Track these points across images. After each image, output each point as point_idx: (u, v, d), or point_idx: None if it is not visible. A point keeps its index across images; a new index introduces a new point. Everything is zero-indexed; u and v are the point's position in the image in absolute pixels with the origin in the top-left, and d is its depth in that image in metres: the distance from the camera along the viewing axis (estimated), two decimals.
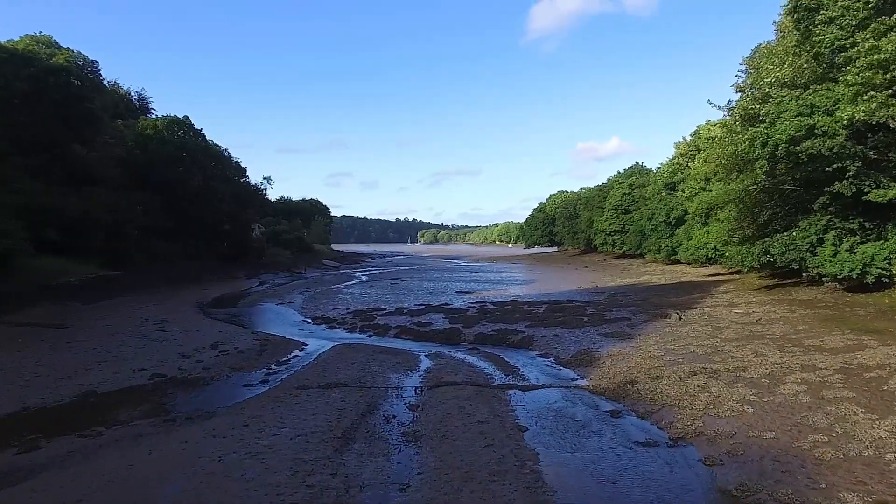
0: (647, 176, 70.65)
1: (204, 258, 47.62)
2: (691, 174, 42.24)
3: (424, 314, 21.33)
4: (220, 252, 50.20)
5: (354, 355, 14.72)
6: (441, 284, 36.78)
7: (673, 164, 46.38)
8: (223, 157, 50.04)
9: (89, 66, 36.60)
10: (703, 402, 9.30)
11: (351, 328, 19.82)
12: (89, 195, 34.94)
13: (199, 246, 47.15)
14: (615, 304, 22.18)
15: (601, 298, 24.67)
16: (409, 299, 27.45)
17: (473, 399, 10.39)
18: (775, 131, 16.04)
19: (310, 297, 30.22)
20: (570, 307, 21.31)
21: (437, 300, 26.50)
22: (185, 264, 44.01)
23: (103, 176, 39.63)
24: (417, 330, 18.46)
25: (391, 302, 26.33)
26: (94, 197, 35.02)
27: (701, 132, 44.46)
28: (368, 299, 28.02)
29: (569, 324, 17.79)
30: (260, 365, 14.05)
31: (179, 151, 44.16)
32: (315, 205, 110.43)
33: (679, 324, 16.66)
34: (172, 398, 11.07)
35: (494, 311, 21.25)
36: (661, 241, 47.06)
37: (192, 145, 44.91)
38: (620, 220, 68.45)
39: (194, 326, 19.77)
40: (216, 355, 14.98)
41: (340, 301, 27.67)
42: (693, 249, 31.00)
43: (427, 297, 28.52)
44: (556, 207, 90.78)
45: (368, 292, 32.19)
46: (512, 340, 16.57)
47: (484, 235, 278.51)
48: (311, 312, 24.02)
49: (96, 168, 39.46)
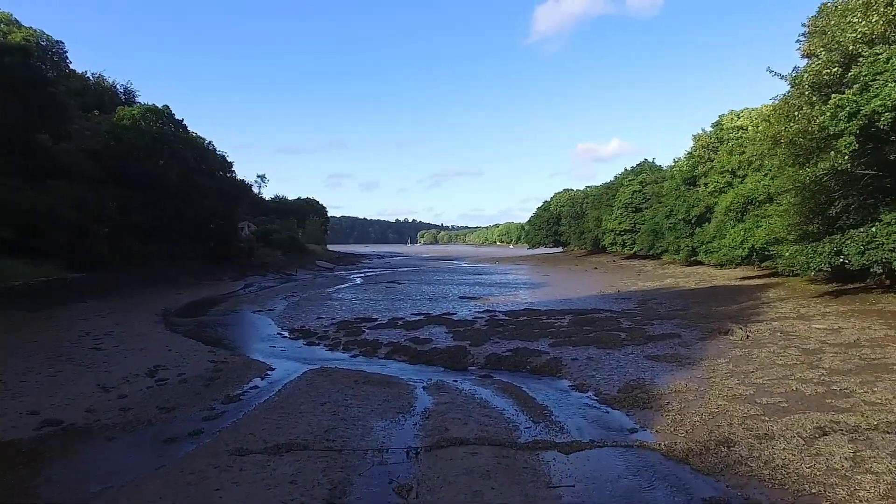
0: (658, 172, 67.21)
1: (187, 259, 44.00)
2: (715, 167, 38.68)
3: (423, 327, 17.75)
4: (205, 252, 46.61)
5: (329, 388, 11.16)
6: (442, 289, 33.20)
7: (693, 158, 42.78)
8: (207, 150, 46.48)
9: (53, 47, 33.04)
10: (873, 495, 5.71)
11: (333, 345, 16.24)
12: (52, 189, 31.46)
13: (182, 246, 43.54)
14: (652, 314, 18.60)
15: (632, 307, 21.10)
16: (406, 307, 23.87)
17: (495, 473, 6.84)
18: (870, 97, 12.54)
19: (294, 304, 26.63)
20: (599, 319, 17.71)
21: (437, 308, 22.93)
22: (164, 265, 40.42)
23: (72, 169, 36.07)
24: (414, 349, 14.87)
25: (385, 310, 22.75)
26: (58, 191, 31.52)
27: (724, 123, 40.90)
28: (359, 306, 24.44)
29: (604, 342, 14.21)
30: (202, 402, 10.48)
31: (157, 143, 40.58)
32: (311, 204, 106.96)
33: (748, 344, 13.07)
34: (48, 467, 7.49)
35: (507, 324, 17.66)
36: (680, 240, 43.44)
37: (171, 136, 41.35)
38: (631, 218, 64.91)
39: (142, 343, 16.20)
40: (149, 388, 11.40)
41: (327, 309, 24.08)
42: (726, 249, 27.51)
43: (426, 304, 24.95)
44: (560, 206, 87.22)
45: (360, 298, 28.61)
46: (534, 365, 12.99)
47: (484, 236, 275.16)
48: (291, 323, 20.45)
49: (64, 160, 35.88)
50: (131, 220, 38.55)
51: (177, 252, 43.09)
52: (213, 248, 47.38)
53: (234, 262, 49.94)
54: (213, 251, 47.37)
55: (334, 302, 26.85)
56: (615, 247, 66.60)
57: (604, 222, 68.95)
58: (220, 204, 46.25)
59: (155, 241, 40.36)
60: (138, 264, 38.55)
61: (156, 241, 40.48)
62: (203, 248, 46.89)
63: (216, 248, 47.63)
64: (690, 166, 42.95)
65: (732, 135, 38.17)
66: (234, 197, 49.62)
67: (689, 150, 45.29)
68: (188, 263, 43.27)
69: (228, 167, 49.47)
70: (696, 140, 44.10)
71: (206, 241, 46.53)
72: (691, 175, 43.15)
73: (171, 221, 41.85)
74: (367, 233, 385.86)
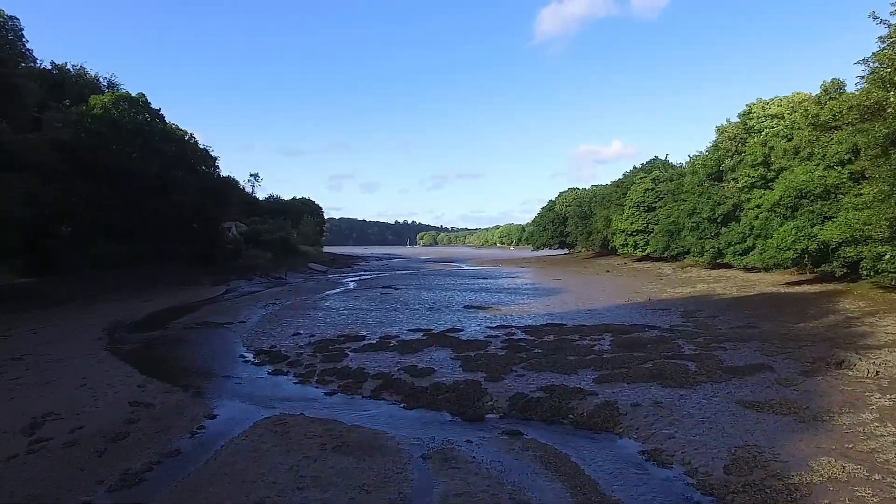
0: (671, 170, 63.53)
1: (166, 261, 40.17)
2: (746, 160, 34.91)
3: (422, 350, 13.95)
4: (187, 254, 42.74)
5: (281, 459, 7.38)
6: (443, 295, 29.40)
7: (718, 151, 39.01)
8: (187, 143, 42.67)
9: (6, 23, 29.24)
10: None
11: (305, 375, 12.45)
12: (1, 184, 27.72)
13: (160, 247, 39.68)
14: (714, 333, 14.79)
15: (678, 321, 17.32)
16: (402, 319, 20.08)
17: None
18: None
19: (272, 315, 22.84)
20: (648, 339, 13.92)
21: (439, 322, 19.13)
22: (139, 269, 36.69)
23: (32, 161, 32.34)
24: (410, 385, 11.08)
25: (376, 324, 18.94)
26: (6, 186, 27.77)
27: (754, 112, 37.18)
28: (347, 319, 20.62)
29: (668, 376, 10.43)
30: (76, 492, 6.68)
31: (131, 134, 36.82)
32: (307, 204, 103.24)
33: (886, 384, 9.27)
34: None
35: (531, 346, 13.86)
36: (704, 241, 39.66)
37: (146, 127, 37.58)
38: (643, 218, 61.17)
39: (55, 373, 12.41)
40: (9, 459, 7.61)
41: (309, 321, 20.28)
42: (772, 251, 23.74)
43: (426, 315, 21.16)
44: (566, 206, 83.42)
45: (350, 307, 24.81)
46: (579, 413, 9.21)
47: (484, 238, 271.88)
48: (261, 341, 16.67)
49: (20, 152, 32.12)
50: (100, 218, 34.79)
51: (154, 254, 39.30)
52: (196, 249, 43.52)
53: (218, 265, 46.11)
54: (195, 253, 43.54)
55: (319, 312, 23.05)
56: (627, 248, 62.83)
57: (614, 222, 65.18)
58: (203, 201, 42.42)
59: (128, 242, 36.59)
60: (109, 267, 34.85)
61: (130, 242, 36.70)
62: (185, 250, 42.99)
63: (198, 250, 43.77)
64: (715, 160, 39.17)
65: (766, 124, 34.44)
66: (219, 194, 45.76)
67: (711, 142, 41.53)
68: (167, 266, 39.52)
69: (212, 162, 45.62)
70: (720, 131, 40.33)
71: (188, 241, 42.66)
72: (716, 169, 39.38)
73: (148, 220, 38.04)
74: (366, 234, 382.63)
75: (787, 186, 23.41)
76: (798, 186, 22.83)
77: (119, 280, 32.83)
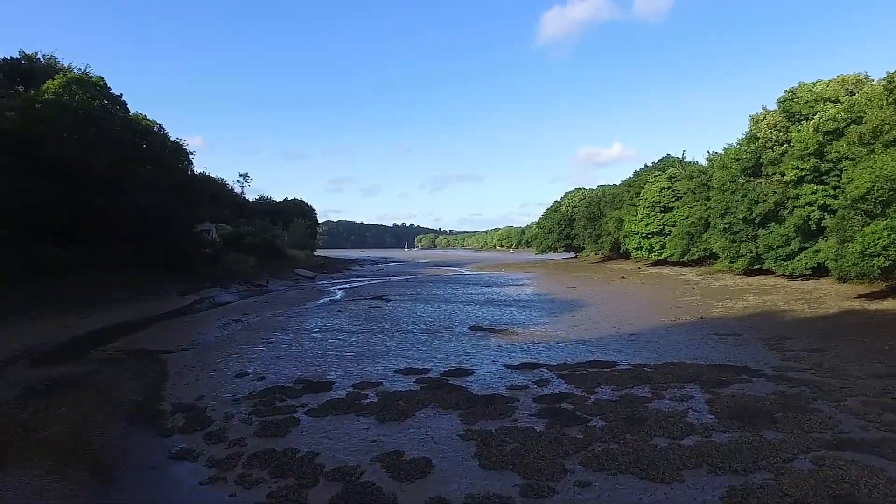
0: (689, 167, 58.92)
1: (126, 268, 35.22)
2: (793, 150, 30.23)
3: (413, 414, 9.09)
4: (153, 260, 37.80)
5: None
6: (443, 310, 24.59)
7: (755, 142, 34.30)
8: (153, 135, 37.80)
9: None
10: None
11: (223, 464, 7.65)
12: None
13: (119, 252, 34.75)
14: (860, 387, 9.88)
15: (774, 358, 12.48)
16: (388, 349, 15.24)
17: None
18: None
19: (225, 339, 18.01)
20: (762, 400, 9.03)
21: (438, 354, 14.32)
22: (92, 277, 31.74)
23: None
24: (389, 501, 6.19)
25: (353, 358, 14.09)
26: None
27: (799, 95, 32.48)
28: (317, 348, 15.75)
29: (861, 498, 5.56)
30: None
31: (83, 122, 32.00)
32: (298, 205, 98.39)
33: None
34: None
35: (583, 411, 8.92)
36: (739, 244, 34.96)
37: (101, 114, 32.74)
38: (659, 219, 56.56)
39: None
40: None
41: (266, 352, 15.42)
42: (853, 257, 18.90)
43: (421, 342, 16.33)
44: (573, 207, 78.68)
45: (328, 327, 19.95)
46: None
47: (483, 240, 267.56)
48: (188, 388, 11.83)
49: None
50: (44, 218, 29.90)
51: (112, 260, 34.31)
52: (164, 254, 38.59)
53: (191, 272, 41.18)
54: (166, 258, 38.62)
55: (287, 334, 18.18)
56: (641, 252, 58.14)
57: (626, 223, 60.52)
58: (172, 201, 37.57)
59: (79, 247, 31.69)
60: (54, 276, 29.93)
61: (80, 247, 31.80)
62: (150, 255, 38.02)
63: (167, 255, 38.83)
64: (752, 152, 34.45)
65: (818, 108, 29.76)
66: (191, 193, 40.87)
67: (744, 133, 36.80)
68: (128, 274, 34.57)
69: (184, 157, 40.70)
70: (755, 121, 35.60)
71: (154, 245, 37.75)
72: (753, 163, 34.68)
73: (103, 221, 33.18)
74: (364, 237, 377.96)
75: (876, 176, 18.67)
76: (891, 176, 18.10)
77: (61, 291, 27.87)
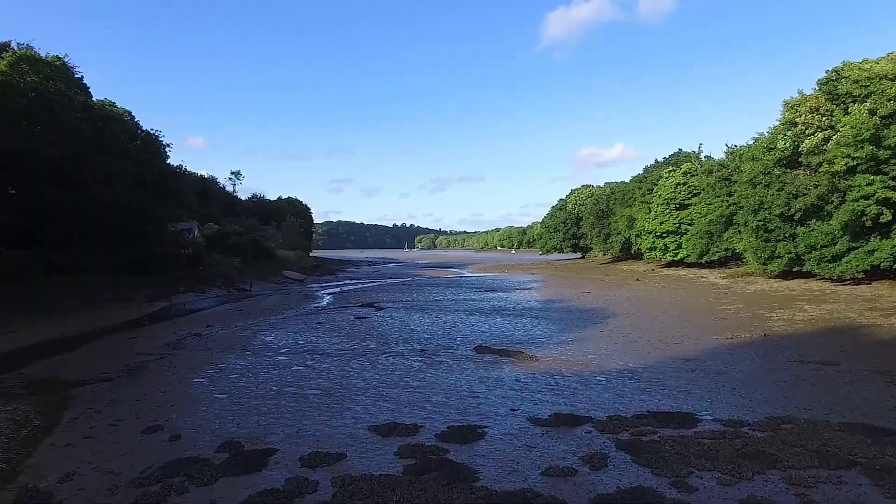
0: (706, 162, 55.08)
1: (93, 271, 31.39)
2: (843, 136, 26.40)
3: None
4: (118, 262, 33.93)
5: None
6: (442, 321, 20.77)
7: (794, 129, 30.42)
8: (119, 122, 33.95)
9: None
10: None
11: None
12: None
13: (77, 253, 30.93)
14: None
15: None
16: (367, 384, 11.42)
17: None
18: None
19: (165, 364, 14.19)
20: None
21: (433, 392, 10.51)
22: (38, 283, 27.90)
23: None
24: None
25: (314, 400, 10.22)
26: None
27: (847, 73, 28.60)
28: (269, 384, 11.84)
29: None
30: None
31: (35, 106, 28.19)
32: (293, 204, 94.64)
33: None
34: None
35: None
36: (776, 244, 31.12)
37: (56, 98, 28.92)
38: (675, 217, 52.63)
39: None
40: None
41: (204, 389, 11.59)
42: None
43: (411, 370, 12.53)
44: (580, 205, 74.75)
45: (298, 345, 16.13)
46: None
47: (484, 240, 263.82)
48: (52, 458, 8.04)
49: None
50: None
51: (75, 262, 30.49)
52: (132, 256, 34.72)
53: (166, 274, 37.34)
54: (132, 260, 34.76)
55: (243, 359, 14.35)
56: (655, 252, 54.23)
57: (639, 222, 56.64)
58: (140, 196, 33.76)
59: (25, 247, 27.88)
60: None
61: (27, 247, 27.98)
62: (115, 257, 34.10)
63: (136, 257, 34.95)
64: (790, 141, 30.59)
65: (874, 87, 25.91)
66: (165, 188, 37.00)
67: (778, 120, 32.91)
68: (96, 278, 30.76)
69: (157, 148, 36.81)
70: (790, 107, 31.72)
71: (120, 246, 33.91)
72: (791, 153, 30.82)
73: (56, 218, 29.41)
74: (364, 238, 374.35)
75: None
76: None
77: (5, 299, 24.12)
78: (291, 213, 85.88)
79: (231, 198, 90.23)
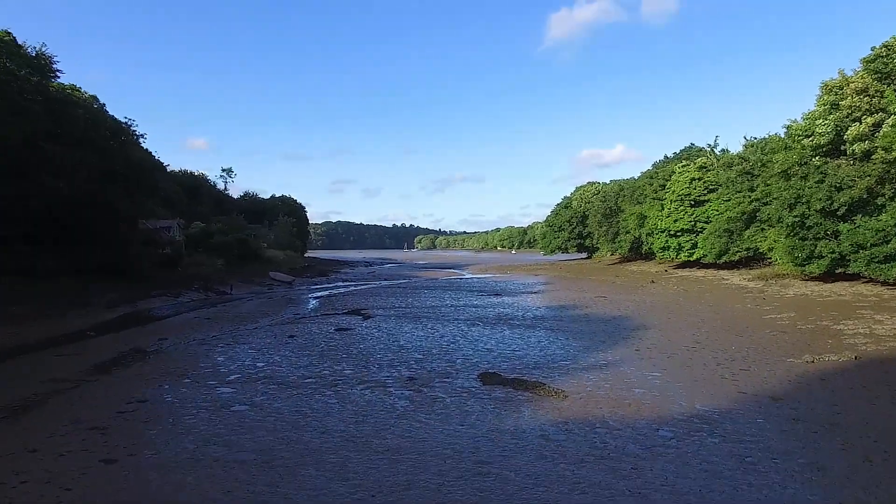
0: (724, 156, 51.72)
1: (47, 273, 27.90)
2: None
3: None
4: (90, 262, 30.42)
5: None
6: (440, 335, 17.34)
7: (838, 112, 26.98)
8: (79, 106, 30.46)
9: None
10: None
11: None
12: None
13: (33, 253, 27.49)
14: None
15: None
16: (329, 434, 8.11)
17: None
18: None
19: (62, 403, 10.78)
20: None
21: (422, 462, 7.12)
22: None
23: None
24: None
25: (244, 474, 6.77)
26: None
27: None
28: (189, 438, 8.39)
29: None
30: None
31: None
32: (286, 202, 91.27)
33: None
34: None
35: None
36: (812, 242, 27.73)
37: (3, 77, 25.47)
38: (690, 215, 49.20)
39: None
40: None
41: (115, 441, 8.16)
42: None
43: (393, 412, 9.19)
44: (585, 202, 71.27)
45: (256, 369, 12.70)
46: None
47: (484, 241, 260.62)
48: None
49: None
50: None
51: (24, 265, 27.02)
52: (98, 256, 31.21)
53: (137, 276, 33.89)
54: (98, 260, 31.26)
55: (169, 395, 10.91)
56: (668, 252, 50.81)
57: (650, 220, 53.21)
58: (105, 189, 30.29)
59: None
60: None
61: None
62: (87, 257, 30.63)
63: (103, 256, 31.45)
64: (832, 125, 27.16)
65: None
66: (134, 181, 33.46)
67: (816, 104, 29.46)
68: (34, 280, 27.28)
69: (125, 137, 33.31)
70: (828, 89, 28.29)
71: (85, 245, 30.47)
72: (833, 140, 27.41)
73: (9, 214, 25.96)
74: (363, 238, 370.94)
75: None
76: None
77: None
78: (284, 212, 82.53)
79: (222, 196, 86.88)
